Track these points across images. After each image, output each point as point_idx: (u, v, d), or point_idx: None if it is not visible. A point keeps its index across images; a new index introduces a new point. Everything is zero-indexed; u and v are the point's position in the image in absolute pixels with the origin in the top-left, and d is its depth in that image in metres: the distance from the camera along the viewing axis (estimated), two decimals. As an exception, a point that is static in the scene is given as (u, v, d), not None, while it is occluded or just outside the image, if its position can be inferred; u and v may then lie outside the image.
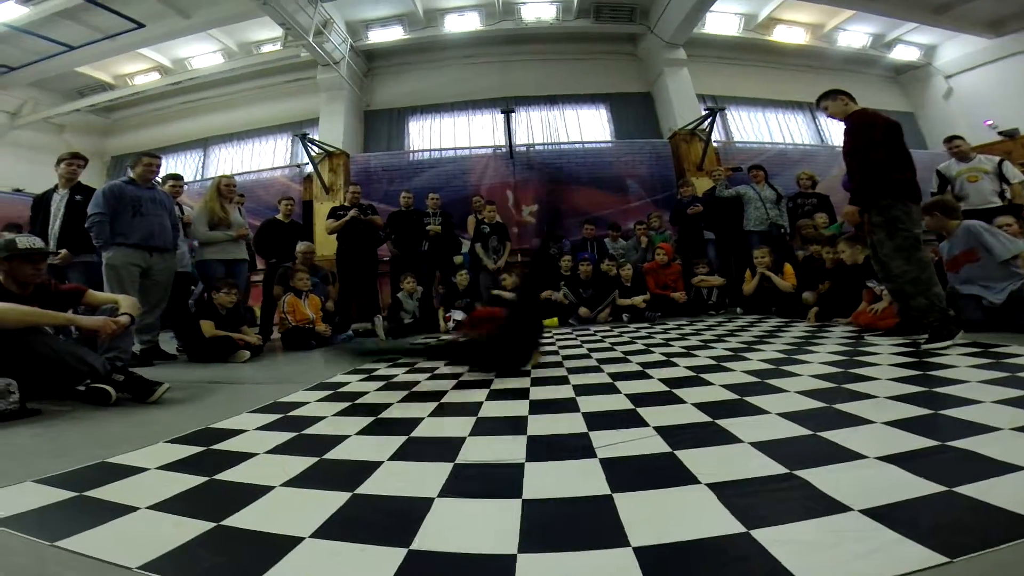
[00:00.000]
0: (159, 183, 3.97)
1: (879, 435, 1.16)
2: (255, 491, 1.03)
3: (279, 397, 2.04)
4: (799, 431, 1.22)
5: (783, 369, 2.00)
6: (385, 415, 1.69)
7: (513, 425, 1.46)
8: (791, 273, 4.70)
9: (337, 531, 0.84)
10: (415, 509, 0.90)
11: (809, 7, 7.34)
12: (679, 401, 1.60)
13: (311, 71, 7.45)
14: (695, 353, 2.57)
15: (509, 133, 6.76)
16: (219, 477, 1.13)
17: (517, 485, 0.99)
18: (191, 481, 1.11)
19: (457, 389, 2.04)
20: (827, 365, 2.03)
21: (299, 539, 0.81)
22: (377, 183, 7.18)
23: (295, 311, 4.31)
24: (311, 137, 6.86)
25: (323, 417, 1.68)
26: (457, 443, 1.30)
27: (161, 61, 7.94)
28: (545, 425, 1.43)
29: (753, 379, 1.86)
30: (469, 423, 1.49)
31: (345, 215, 5.37)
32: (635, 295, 4.91)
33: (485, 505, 0.92)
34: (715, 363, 2.24)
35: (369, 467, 1.15)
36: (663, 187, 7.09)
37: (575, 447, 1.21)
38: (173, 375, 2.92)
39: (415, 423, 1.54)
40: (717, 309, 5.05)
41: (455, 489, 1.00)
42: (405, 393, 2.02)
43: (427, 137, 7.94)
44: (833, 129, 7.71)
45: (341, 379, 2.42)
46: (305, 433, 1.49)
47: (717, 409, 1.47)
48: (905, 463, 0.97)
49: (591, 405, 1.63)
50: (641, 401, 1.63)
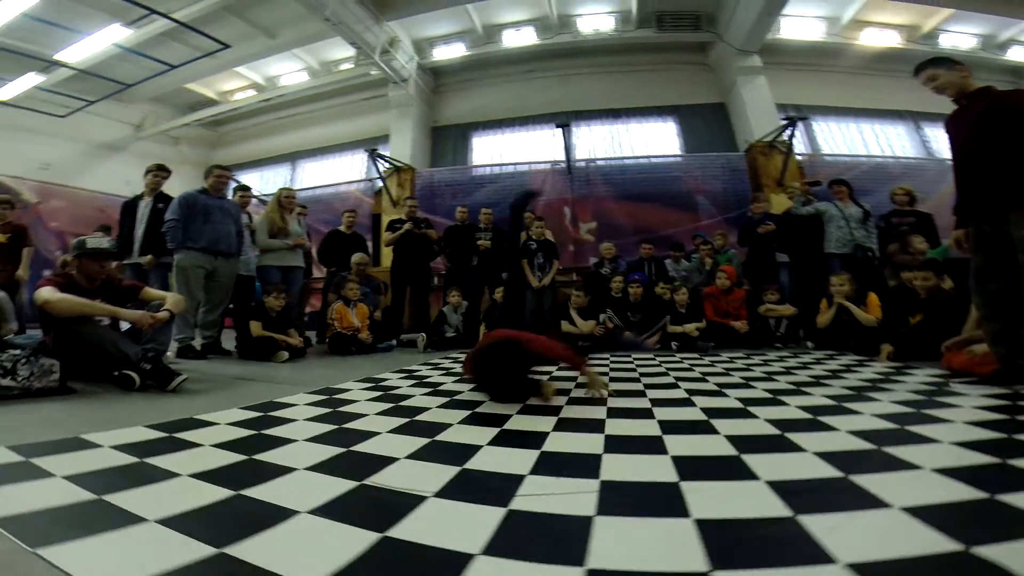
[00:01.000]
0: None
1: (920, 482, 1.02)
2: (162, 475, 1.11)
3: (275, 397, 2.16)
4: (830, 472, 1.10)
5: (819, 419, 1.67)
6: (351, 426, 1.72)
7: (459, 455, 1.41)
8: (876, 304, 4.13)
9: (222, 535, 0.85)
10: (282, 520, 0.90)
11: (898, 7, 6.65)
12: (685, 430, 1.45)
13: (384, 89, 8.07)
14: (725, 392, 2.24)
15: (567, 147, 6.74)
16: (149, 460, 1.22)
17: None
18: (122, 459, 1.22)
19: (444, 408, 2.03)
20: (891, 404, 1.81)
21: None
22: (440, 197, 7.51)
23: (342, 318, 4.59)
24: (380, 153, 7.37)
25: (294, 420, 1.75)
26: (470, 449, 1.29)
27: (255, 79, 9.07)
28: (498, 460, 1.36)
29: (799, 415, 1.70)
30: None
31: (401, 228, 5.67)
32: (690, 322, 4.59)
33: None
34: (744, 402, 1.98)
35: (302, 478, 1.17)
36: (737, 204, 6.63)
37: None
38: (211, 368, 3.25)
39: (368, 436, 1.54)
40: (785, 342, 4.54)
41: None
42: (390, 406, 2.04)
43: (489, 152, 8.18)
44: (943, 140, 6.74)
45: (345, 386, 2.51)
46: (265, 432, 1.56)
47: (747, 442, 1.37)
48: (930, 516, 0.83)
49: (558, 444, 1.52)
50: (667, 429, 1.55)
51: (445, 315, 5.28)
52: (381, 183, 7.54)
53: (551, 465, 1.22)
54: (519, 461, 1.24)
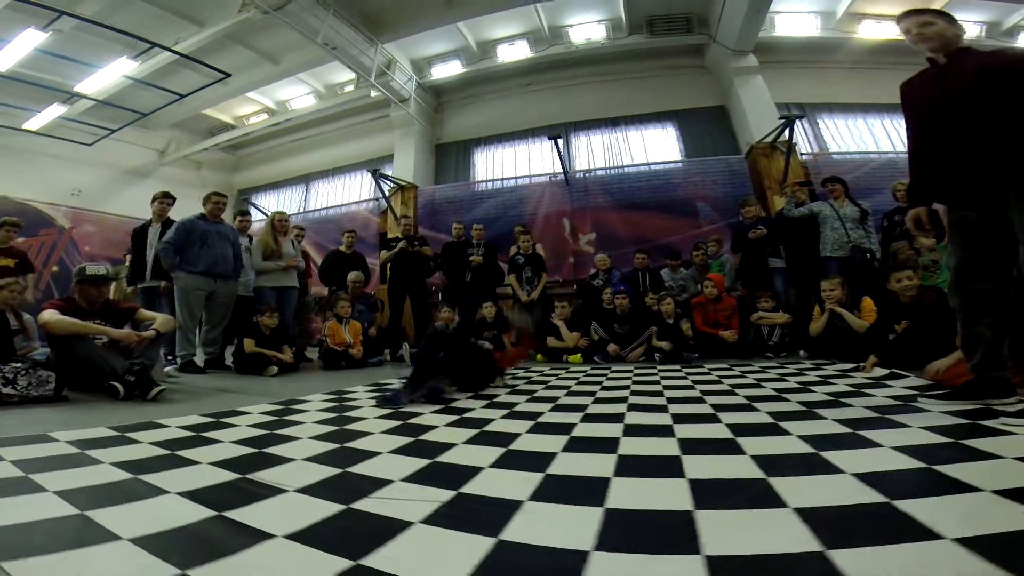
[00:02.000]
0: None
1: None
2: (88, 461, 1.38)
3: (237, 406, 2.46)
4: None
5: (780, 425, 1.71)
6: (285, 432, 1.98)
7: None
8: (870, 309, 4.11)
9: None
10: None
11: (891, -2, 6.50)
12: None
13: (388, 109, 8.56)
14: (670, 403, 2.34)
15: (561, 159, 6.96)
16: (89, 452, 1.51)
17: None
18: (68, 450, 1.53)
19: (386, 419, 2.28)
20: (833, 422, 1.74)
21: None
22: (441, 214, 7.84)
23: (334, 335, 4.94)
24: (382, 172, 7.81)
25: (237, 426, 2.02)
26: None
27: (267, 103, 9.78)
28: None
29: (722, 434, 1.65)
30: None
31: (396, 246, 6.02)
32: (679, 332, 4.66)
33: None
34: (676, 416, 2.01)
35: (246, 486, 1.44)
36: (739, 209, 6.65)
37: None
38: (201, 381, 3.61)
39: (286, 440, 1.80)
40: (777, 352, 4.56)
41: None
42: (332, 416, 2.30)
43: (490, 167, 8.52)
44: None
45: (308, 398, 2.78)
46: (203, 435, 1.84)
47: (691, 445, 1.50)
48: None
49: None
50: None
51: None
52: (385, 202, 7.96)
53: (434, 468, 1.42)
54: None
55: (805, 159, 6.61)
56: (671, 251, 6.05)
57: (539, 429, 1.88)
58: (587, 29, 7.58)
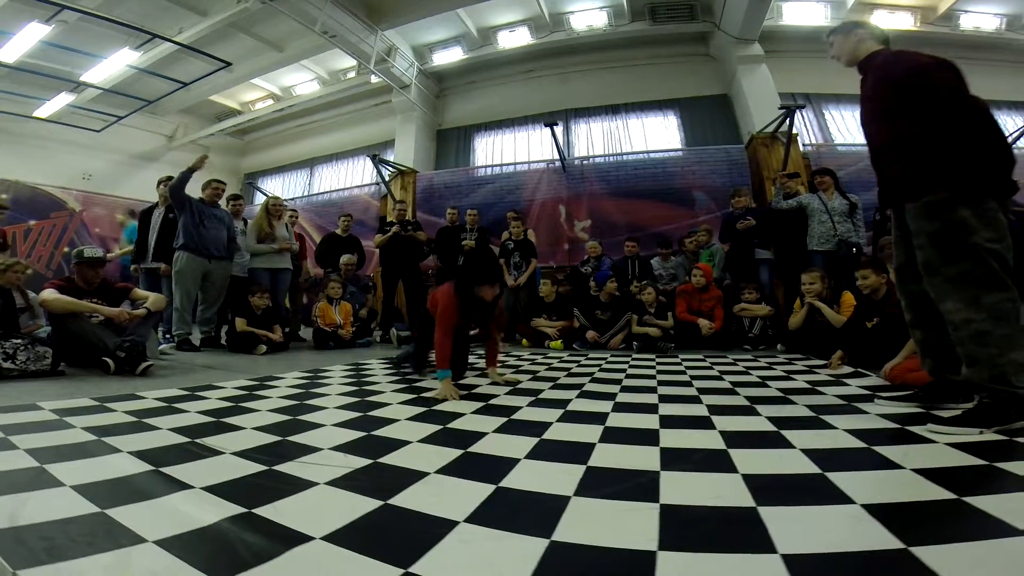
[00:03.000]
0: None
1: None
2: (63, 426, 1.61)
3: (215, 382, 2.71)
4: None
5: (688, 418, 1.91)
6: (251, 404, 2.20)
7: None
8: (850, 304, 4.17)
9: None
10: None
11: (908, -14, 6.40)
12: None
13: (390, 95, 8.70)
14: (622, 391, 2.51)
15: (558, 146, 7.05)
16: (67, 419, 1.74)
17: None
18: (48, 417, 1.76)
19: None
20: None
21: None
22: (440, 199, 8.00)
23: (324, 315, 5.19)
24: (381, 157, 7.98)
25: (207, 399, 2.25)
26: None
27: (272, 89, 10.00)
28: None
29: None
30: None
31: (389, 231, 6.22)
32: (661, 320, 4.80)
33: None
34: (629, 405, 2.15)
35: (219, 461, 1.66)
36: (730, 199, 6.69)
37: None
38: (192, 358, 3.88)
39: (245, 411, 2.02)
40: (756, 345, 4.66)
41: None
42: (300, 391, 2.53)
43: (490, 153, 8.63)
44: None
45: (283, 375, 3.02)
46: (175, 406, 2.07)
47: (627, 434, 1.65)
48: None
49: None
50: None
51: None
52: (385, 187, 8.15)
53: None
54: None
55: (807, 150, 6.59)
56: (664, 240, 6.13)
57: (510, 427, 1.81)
58: (588, 16, 7.58)
